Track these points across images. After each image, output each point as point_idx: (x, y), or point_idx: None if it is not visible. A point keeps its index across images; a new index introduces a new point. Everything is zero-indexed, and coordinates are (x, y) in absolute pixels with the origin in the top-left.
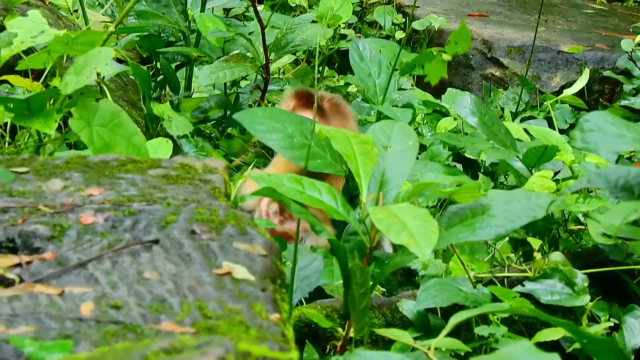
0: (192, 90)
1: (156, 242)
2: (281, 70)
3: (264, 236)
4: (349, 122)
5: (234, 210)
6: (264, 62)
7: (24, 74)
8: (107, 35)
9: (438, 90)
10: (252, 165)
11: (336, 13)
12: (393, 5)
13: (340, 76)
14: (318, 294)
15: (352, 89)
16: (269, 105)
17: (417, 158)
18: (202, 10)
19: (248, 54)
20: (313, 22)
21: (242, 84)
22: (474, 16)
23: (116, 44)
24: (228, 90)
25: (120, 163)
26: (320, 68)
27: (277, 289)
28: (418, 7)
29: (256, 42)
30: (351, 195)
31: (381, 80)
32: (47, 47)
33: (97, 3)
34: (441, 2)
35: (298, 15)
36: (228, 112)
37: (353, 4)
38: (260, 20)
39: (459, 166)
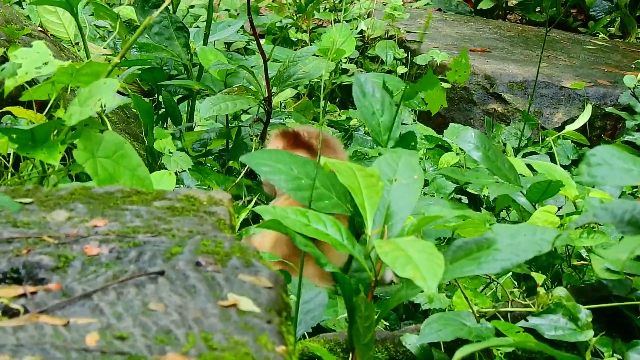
0: (194, 123)
1: (161, 273)
2: (282, 105)
3: (269, 269)
4: (339, 155)
5: (239, 243)
6: (266, 95)
7: (27, 105)
8: (111, 67)
9: (440, 126)
10: (254, 198)
11: (340, 47)
12: (395, 40)
13: (341, 110)
14: (320, 327)
15: (354, 122)
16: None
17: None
18: (205, 43)
19: (250, 87)
20: (315, 55)
21: (244, 117)
22: (476, 51)
23: (118, 76)
24: (230, 124)
25: (125, 194)
26: (323, 102)
27: (283, 322)
28: (420, 42)
29: (258, 75)
30: (356, 233)
31: (385, 118)
32: (51, 78)
33: (98, 36)
34: (443, 38)
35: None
36: (230, 145)
37: (355, 38)
38: (262, 53)
39: (464, 199)
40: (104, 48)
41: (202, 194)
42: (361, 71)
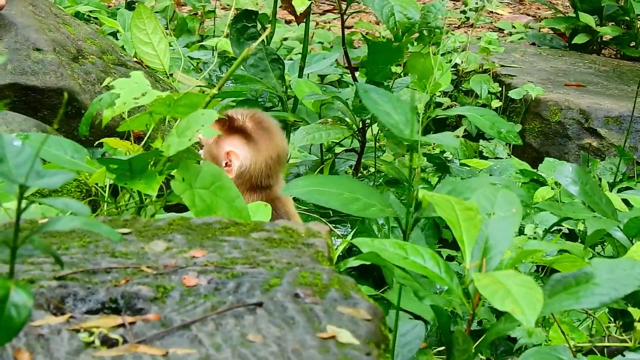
0: (289, 155)
1: (260, 305)
2: (376, 136)
3: (368, 301)
4: (276, 137)
5: (338, 275)
6: (360, 127)
7: (120, 135)
8: (209, 98)
9: (534, 160)
10: (353, 231)
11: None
12: (489, 74)
13: (436, 144)
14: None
15: (447, 154)
16: (365, 171)
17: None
18: (300, 76)
19: (345, 118)
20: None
21: (337, 150)
22: (571, 86)
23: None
24: (324, 156)
25: (223, 226)
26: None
27: (382, 354)
28: (515, 76)
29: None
30: None
31: (400, 117)
32: (149, 108)
33: (191, 67)
34: (538, 72)
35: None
36: None
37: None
38: (356, 82)
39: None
40: (197, 80)
41: (300, 226)
42: (455, 105)
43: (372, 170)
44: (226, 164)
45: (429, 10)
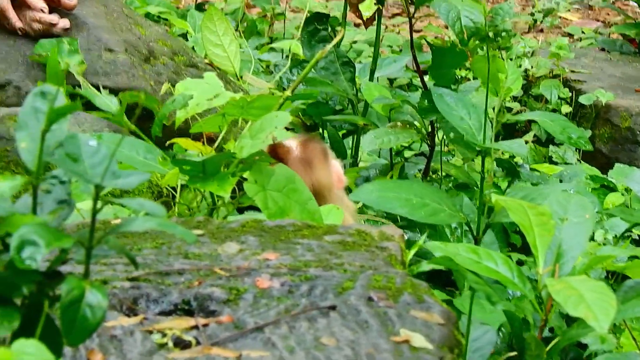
0: (358, 158)
1: (333, 308)
2: (444, 140)
3: (441, 305)
4: (326, 161)
5: (411, 278)
6: (430, 130)
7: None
8: (282, 100)
9: (604, 166)
10: (424, 236)
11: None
12: (559, 79)
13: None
14: None
15: (517, 159)
16: (434, 175)
17: None
18: (371, 79)
19: (415, 122)
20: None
21: (407, 154)
22: None
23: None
24: (393, 160)
25: (296, 228)
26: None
27: (455, 359)
28: (584, 81)
29: None
30: None
31: (474, 122)
32: (222, 110)
33: (260, 69)
34: (608, 78)
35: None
36: None
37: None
38: (425, 87)
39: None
40: (267, 81)
41: (373, 229)
42: (525, 110)
43: (441, 174)
44: None
45: (496, 13)
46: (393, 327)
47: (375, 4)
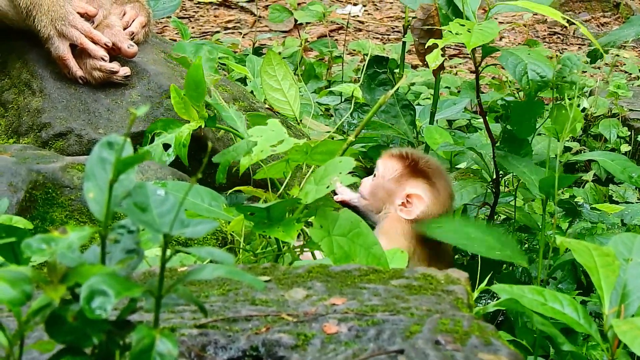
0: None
1: (401, 352)
2: (506, 185)
3: (508, 347)
4: (449, 183)
5: (478, 321)
6: (494, 177)
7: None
8: (346, 145)
9: None
10: (486, 278)
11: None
12: (618, 118)
13: (565, 188)
14: None
15: (579, 199)
16: (495, 216)
17: None
18: (431, 121)
19: (476, 167)
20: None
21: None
22: None
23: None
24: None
25: (362, 273)
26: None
27: None
28: None
29: (486, 156)
30: None
31: None
32: (286, 156)
33: (320, 113)
34: None
35: None
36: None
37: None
38: (490, 133)
39: None
40: (327, 125)
41: (439, 272)
42: (584, 150)
43: (503, 216)
44: (402, 203)
45: (564, 64)
46: None
47: (442, 55)
